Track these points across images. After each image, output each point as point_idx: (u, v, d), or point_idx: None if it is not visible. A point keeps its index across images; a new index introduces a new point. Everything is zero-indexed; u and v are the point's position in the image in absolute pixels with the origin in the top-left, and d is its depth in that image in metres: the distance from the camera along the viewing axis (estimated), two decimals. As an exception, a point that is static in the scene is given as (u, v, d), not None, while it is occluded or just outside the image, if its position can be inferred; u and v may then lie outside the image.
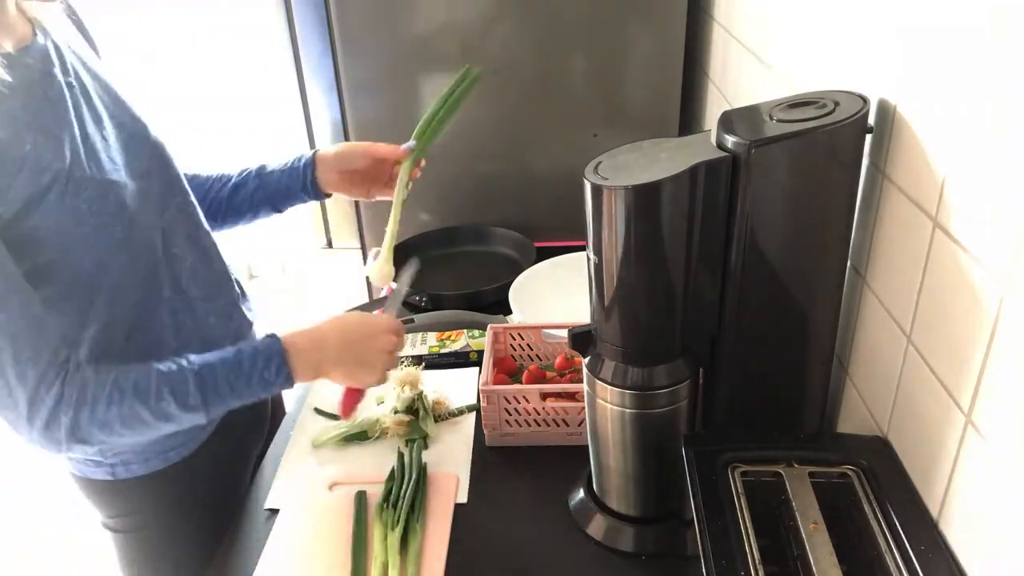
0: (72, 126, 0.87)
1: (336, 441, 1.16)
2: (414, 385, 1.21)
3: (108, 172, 0.90)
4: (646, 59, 1.61)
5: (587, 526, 0.99)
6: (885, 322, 0.80)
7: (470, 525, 1.01)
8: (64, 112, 0.87)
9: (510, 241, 1.72)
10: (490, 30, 1.59)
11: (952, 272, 0.67)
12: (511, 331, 1.27)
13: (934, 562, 0.66)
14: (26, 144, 0.82)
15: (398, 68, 1.63)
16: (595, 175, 0.78)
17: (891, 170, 0.78)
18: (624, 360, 0.87)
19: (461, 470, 1.10)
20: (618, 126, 1.67)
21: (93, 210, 0.87)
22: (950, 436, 0.67)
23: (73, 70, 0.91)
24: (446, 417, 1.20)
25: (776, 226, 0.80)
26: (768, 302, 0.84)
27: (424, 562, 0.95)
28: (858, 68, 0.85)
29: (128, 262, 0.94)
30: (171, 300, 1.00)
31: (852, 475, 0.76)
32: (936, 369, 0.70)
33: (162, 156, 1.02)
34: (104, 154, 0.90)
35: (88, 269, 0.89)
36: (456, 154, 1.71)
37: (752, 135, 0.76)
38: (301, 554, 0.98)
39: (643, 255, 0.79)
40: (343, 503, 1.04)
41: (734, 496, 0.74)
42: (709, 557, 0.68)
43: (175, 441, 1.05)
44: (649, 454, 0.92)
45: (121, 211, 0.91)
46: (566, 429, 1.12)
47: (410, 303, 1.56)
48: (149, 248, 0.97)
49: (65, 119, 0.87)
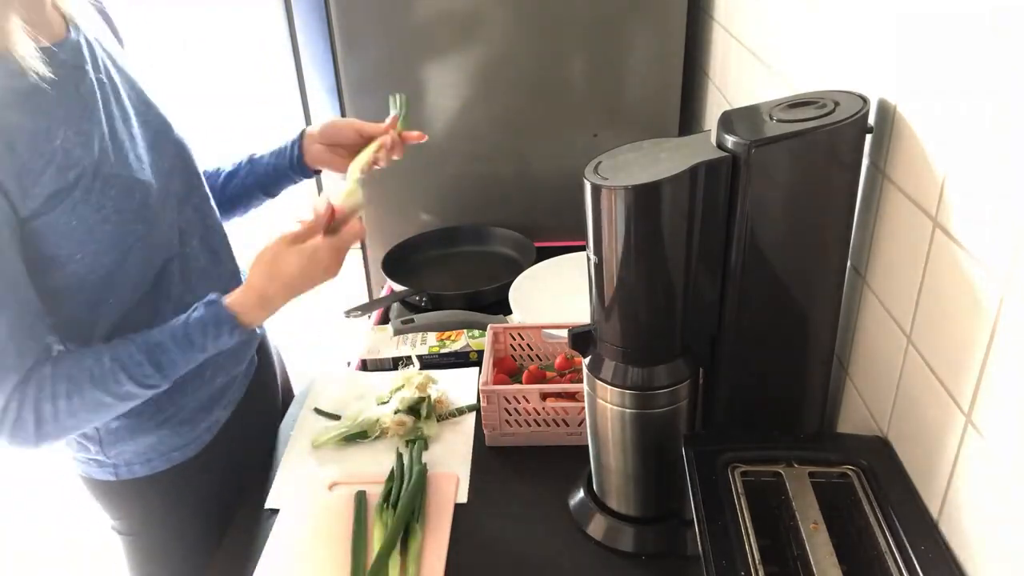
0: (102, 123, 0.88)
1: (336, 441, 1.16)
2: (423, 388, 1.20)
3: (135, 171, 0.90)
4: (646, 59, 1.61)
5: (587, 526, 0.99)
6: (885, 322, 0.80)
7: (470, 525, 1.01)
8: (94, 109, 0.87)
9: (510, 241, 1.73)
10: (490, 30, 1.59)
11: (952, 272, 0.66)
12: (511, 331, 1.27)
13: (934, 562, 0.66)
14: (56, 139, 0.82)
15: (398, 68, 1.63)
16: (595, 175, 0.78)
17: (891, 170, 0.78)
18: (624, 360, 0.87)
19: (461, 470, 1.10)
20: (618, 126, 1.67)
21: (118, 207, 0.88)
22: (950, 436, 0.67)
23: (104, 67, 0.91)
24: (446, 417, 1.20)
25: (776, 226, 0.80)
26: (768, 302, 0.84)
27: (424, 562, 0.95)
28: (858, 68, 0.85)
29: (144, 260, 0.94)
30: (179, 299, 1.00)
31: (852, 475, 0.76)
32: (936, 369, 0.70)
33: (184, 155, 1.02)
34: (132, 152, 0.91)
35: (106, 264, 0.90)
36: (456, 154, 1.72)
37: (752, 135, 0.76)
38: (301, 554, 0.98)
39: (643, 255, 0.79)
40: (343, 503, 1.04)
41: (734, 496, 0.74)
42: (709, 557, 0.68)
43: (178, 442, 1.05)
44: (649, 454, 0.92)
45: (144, 210, 0.91)
46: (566, 429, 1.12)
47: (410, 303, 1.56)
48: (166, 246, 0.97)
49: (95, 116, 0.87)
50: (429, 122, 1.68)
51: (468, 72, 1.63)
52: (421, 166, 1.73)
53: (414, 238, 1.73)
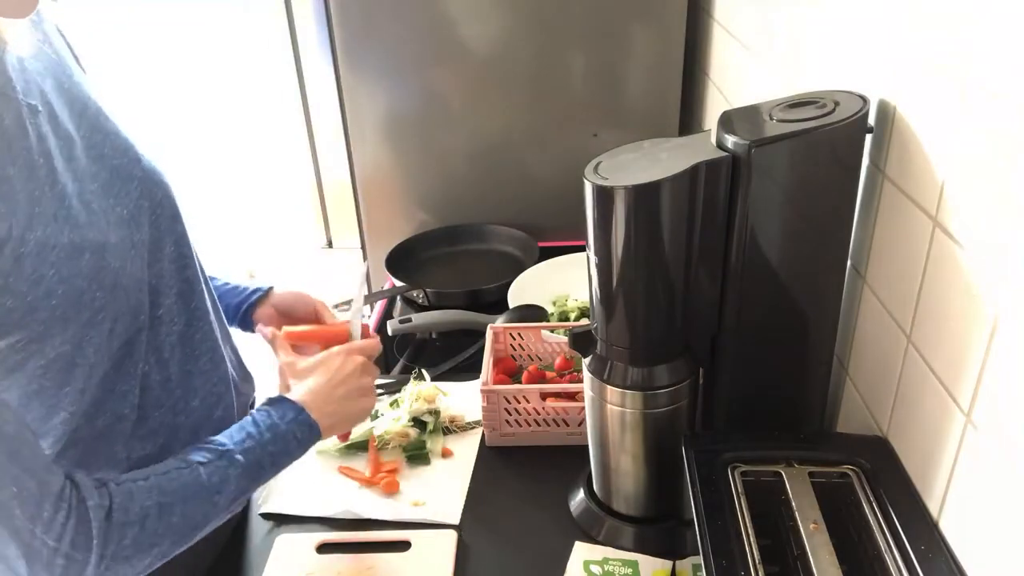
0: (33, 166, 0.68)
1: (338, 449, 1.14)
2: (430, 400, 1.18)
3: (82, 227, 0.71)
4: (646, 59, 1.61)
5: (587, 526, 0.99)
6: (885, 322, 0.80)
7: (470, 525, 1.01)
8: (21, 146, 0.68)
9: (513, 239, 1.73)
10: (491, 30, 1.59)
11: (952, 272, 0.66)
12: (511, 331, 1.27)
13: (934, 562, 0.66)
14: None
15: (398, 68, 1.63)
16: (595, 175, 0.78)
17: (891, 170, 0.78)
18: (624, 360, 0.87)
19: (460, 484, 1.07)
20: (618, 126, 1.67)
21: (62, 276, 0.68)
22: (950, 436, 0.67)
23: (38, 89, 0.73)
24: (455, 431, 1.18)
25: (776, 226, 0.80)
26: (768, 302, 0.84)
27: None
28: (858, 68, 0.85)
29: (108, 334, 0.75)
30: (145, 378, 0.81)
31: (852, 475, 0.76)
32: (936, 369, 0.70)
33: (154, 190, 0.82)
34: (76, 200, 0.72)
35: (60, 348, 0.71)
36: (456, 154, 1.72)
37: (752, 135, 0.76)
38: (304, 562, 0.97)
39: (643, 255, 0.79)
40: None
41: (734, 496, 0.74)
42: (709, 557, 0.68)
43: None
44: (649, 454, 0.92)
45: (99, 274, 0.72)
46: (566, 429, 1.12)
47: (410, 299, 1.56)
48: (133, 312, 0.77)
49: (21, 156, 0.68)
50: (429, 122, 1.68)
51: (468, 72, 1.63)
52: (421, 166, 1.73)
53: (416, 237, 1.73)
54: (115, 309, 0.74)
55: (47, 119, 0.73)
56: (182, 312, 0.85)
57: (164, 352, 0.83)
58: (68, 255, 0.69)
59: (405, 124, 1.68)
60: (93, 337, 0.73)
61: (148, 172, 0.82)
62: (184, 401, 0.86)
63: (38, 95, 0.73)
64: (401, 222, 1.78)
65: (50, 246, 0.68)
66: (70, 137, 0.75)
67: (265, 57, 1.85)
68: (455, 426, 1.18)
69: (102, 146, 0.78)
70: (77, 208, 0.71)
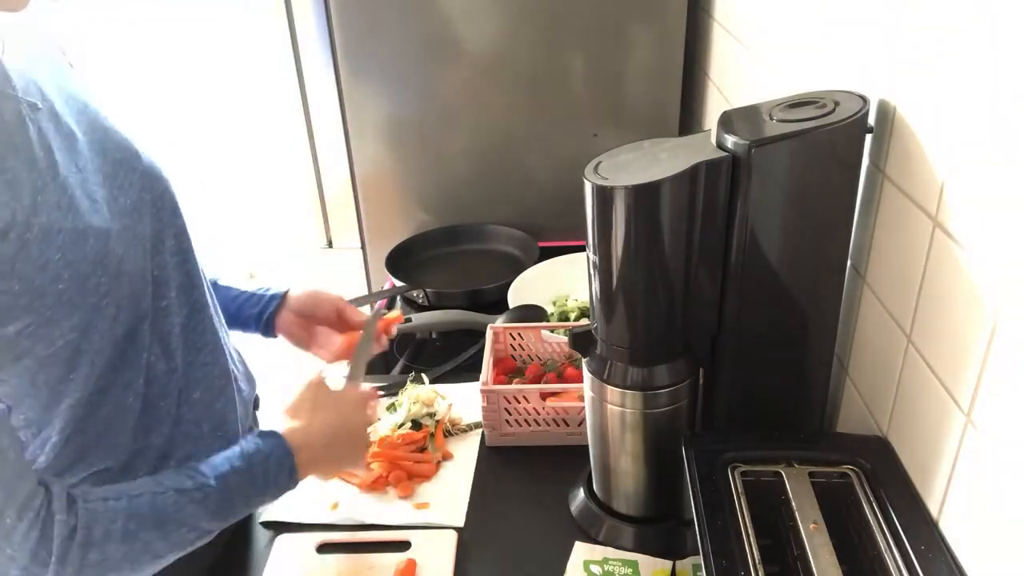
0: (34, 158, 0.70)
1: None
2: (428, 403, 1.18)
3: (85, 214, 0.73)
4: (646, 59, 1.61)
5: (587, 526, 0.99)
6: (885, 322, 0.80)
7: (470, 525, 1.01)
8: (21, 139, 0.70)
9: (513, 239, 1.73)
10: (491, 30, 1.59)
11: (952, 272, 0.66)
12: (511, 331, 1.27)
13: (934, 562, 0.66)
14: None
15: (398, 68, 1.63)
16: (595, 175, 0.78)
17: (891, 170, 0.78)
18: (624, 360, 0.87)
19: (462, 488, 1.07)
20: (618, 126, 1.67)
21: (68, 261, 0.70)
22: (950, 436, 0.67)
23: (38, 89, 0.75)
24: (456, 433, 1.18)
25: (776, 226, 0.80)
26: (768, 302, 0.84)
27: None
28: (858, 68, 0.85)
29: (112, 320, 0.76)
30: (150, 368, 0.82)
31: (852, 475, 0.76)
32: (936, 369, 0.70)
33: (154, 186, 0.84)
34: (79, 190, 0.73)
35: (67, 335, 0.72)
36: (456, 154, 1.72)
37: (752, 135, 0.76)
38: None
39: (643, 255, 0.79)
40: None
41: (734, 496, 0.74)
42: (709, 557, 0.68)
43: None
44: (649, 454, 0.92)
45: (103, 260, 0.74)
46: (566, 429, 1.12)
47: (410, 299, 1.56)
48: (135, 300, 0.79)
49: (22, 148, 0.69)
50: (429, 121, 1.68)
51: (468, 72, 1.63)
52: (421, 166, 1.73)
53: (416, 237, 1.73)
54: (119, 295, 0.76)
55: (48, 116, 0.74)
56: (184, 304, 0.87)
57: (170, 343, 0.84)
58: (72, 240, 0.71)
59: (405, 124, 1.68)
60: (98, 323, 0.74)
61: (148, 167, 0.84)
62: (187, 392, 0.87)
63: (38, 94, 0.74)
64: (401, 222, 1.78)
65: (55, 231, 0.69)
66: (71, 133, 0.76)
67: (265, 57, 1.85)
68: (455, 428, 1.18)
69: (103, 142, 0.80)
70: (80, 197, 0.73)
